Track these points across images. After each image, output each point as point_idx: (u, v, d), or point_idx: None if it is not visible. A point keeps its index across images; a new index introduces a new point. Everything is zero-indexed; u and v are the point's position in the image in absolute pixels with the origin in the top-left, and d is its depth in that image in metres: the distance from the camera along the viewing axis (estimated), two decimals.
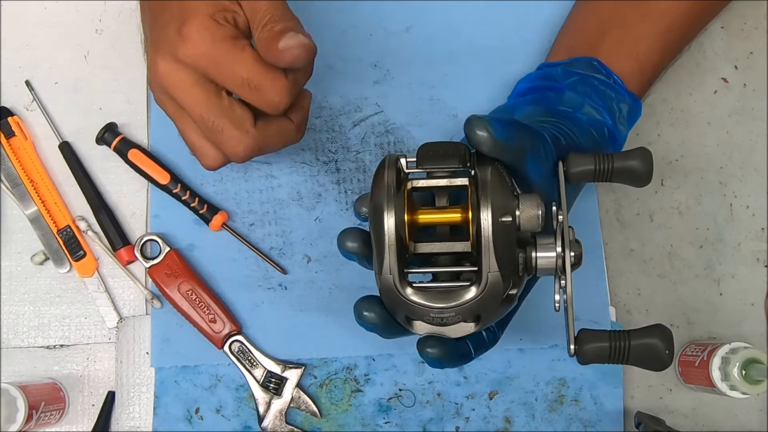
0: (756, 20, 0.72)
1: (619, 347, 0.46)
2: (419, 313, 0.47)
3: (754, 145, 0.70)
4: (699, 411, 0.66)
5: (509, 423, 0.65)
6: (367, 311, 0.50)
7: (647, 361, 0.47)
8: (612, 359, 0.47)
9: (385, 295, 0.48)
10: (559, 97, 0.59)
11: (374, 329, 0.51)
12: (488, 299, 0.46)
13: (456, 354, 0.50)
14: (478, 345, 0.52)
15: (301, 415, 0.64)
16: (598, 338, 0.47)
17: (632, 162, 0.51)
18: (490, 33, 0.70)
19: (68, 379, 0.64)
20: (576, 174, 0.52)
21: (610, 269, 0.67)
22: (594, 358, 0.47)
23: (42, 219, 0.66)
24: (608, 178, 0.52)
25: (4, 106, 0.67)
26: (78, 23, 0.69)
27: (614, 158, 0.52)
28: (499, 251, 0.45)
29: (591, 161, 0.52)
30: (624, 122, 0.60)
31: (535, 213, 0.47)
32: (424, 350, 0.50)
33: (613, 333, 0.47)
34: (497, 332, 0.53)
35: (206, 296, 0.64)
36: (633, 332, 0.47)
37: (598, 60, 0.60)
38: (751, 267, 0.68)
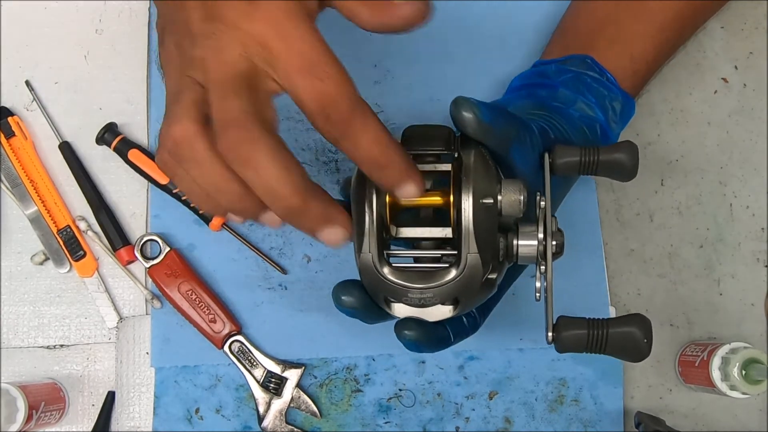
0: (756, 20, 0.72)
1: (597, 335, 0.46)
2: (398, 294, 0.47)
3: (754, 145, 0.70)
4: (699, 411, 0.66)
5: (509, 423, 0.65)
6: (345, 295, 0.49)
7: (625, 350, 0.46)
8: (590, 347, 0.46)
9: (364, 275, 0.48)
10: (551, 94, 0.60)
11: (354, 313, 0.50)
12: (467, 281, 0.46)
13: (434, 338, 0.50)
14: (457, 330, 0.52)
15: (301, 415, 0.64)
16: (576, 325, 0.46)
17: (618, 155, 0.51)
18: (490, 33, 0.70)
19: (68, 379, 0.64)
20: (561, 165, 0.52)
21: (610, 269, 0.67)
22: (571, 346, 0.46)
23: (42, 219, 0.66)
24: (594, 171, 0.52)
25: (4, 106, 0.67)
26: (78, 23, 0.69)
27: (600, 151, 0.52)
28: (479, 233, 0.46)
29: (577, 153, 0.52)
30: (617, 120, 0.60)
31: (517, 197, 0.47)
32: (402, 332, 0.49)
33: (591, 321, 0.46)
34: (478, 318, 0.53)
35: (206, 296, 0.64)
36: (612, 320, 0.46)
37: (592, 58, 0.60)
38: (751, 267, 0.68)
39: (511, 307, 0.60)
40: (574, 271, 0.66)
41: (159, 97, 0.68)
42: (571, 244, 0.66)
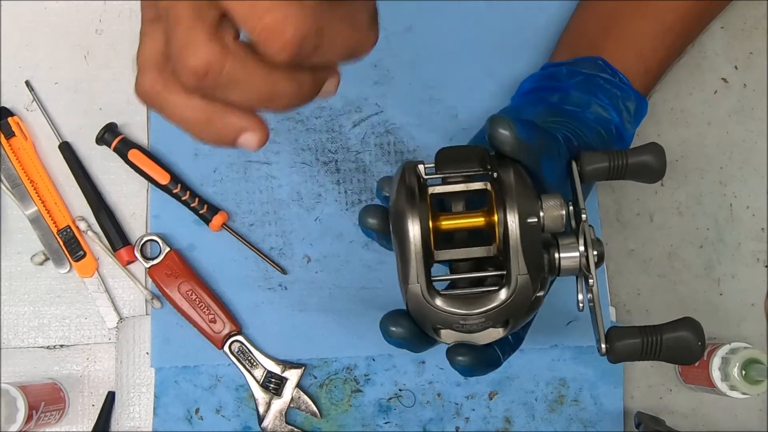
0: (756, 20, 0.72)
1: (651, 342, 0.46)
2: (448, 321, 0.46)
3: (754, 145, 0.70)
4: (699, 411, 0.66)
5: (509, 423, 0.65)
6: (394, 326, 0.48)
7: (679, 354, 0.46)
8: (644, 356, 0.46)
9: (413, 305, 0.47)
10: (564, 97, 0.59)
11: (403, 344, 0.49)
12: (518, 302, 0.46)
13: (486, 360, 0.49)
14: (504, 349, 0.51)
15: (301, 415, 0.64)
16: (630, 335, 0.46)
17: (645, 157, 0.51)
18: (490, 33, 0.70)
19: (68, 379, 0.64)
20: (590, 172, 0.51)
21: (610, 269, 0.67)
22: (626, 355, 0.46)
23: (42, 219, 0.66)
24: (622, 176, 0.52)
25: (4, 106, 0.67)
26: (78, 23, 0.69)
27: (627, 155, 0.51)
28: (527, 253, 0.45)
29: (605, 158, 0.51)
30: (631, 120, 0.60)
31: (559, 213, 0.46)
32: (455, 359, 0.48)
33: (643, 329, 0.46)
34: (521, 334, 0.53)
35: (206, 296, 0.64)
36: (664, 326, 0.46)
37: (603, 59, 0.60)
38: (751, 267, 0.68)
39: None
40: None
41: None
42: None
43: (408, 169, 0.47)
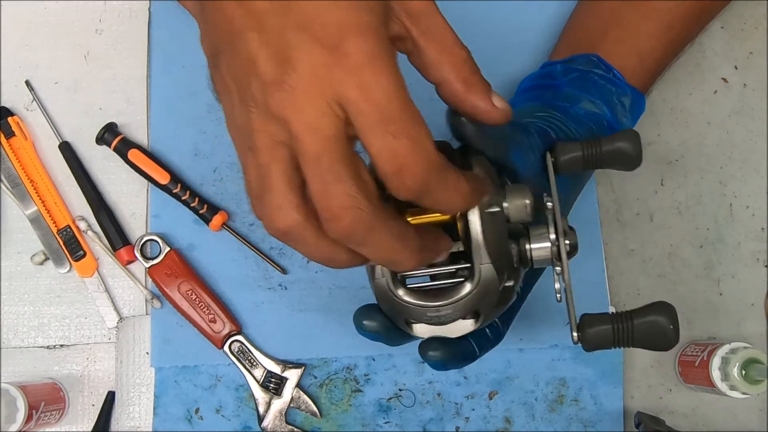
0: (756, 20, 0.72)
1: (623, 329, 0.45)
2: (417, 315, 0.47)
3: (754, 145, 0.70)
4: (699, 411, 0.66)
5: (509, 423, 0.65)
6: (367, 320, 0.49)
7: (653, 340, 0.45)
8: (617, 342, 0.45)
9: (381, 300, 0.48)
10: (557, 94, 0.60)
11: (377, 338, 0.50)
12: (484, 293, 0.46)
13: (459, 354, 0.50)
14: (482, 343, 0.51)
15: (301, 415, 0.64)
16: (600, 321, 0.46)
17: (620, 144, 0.51)
18: (490, 33, 0.70)
19: (68, 379, 0.64)
20: (564, 162, 0.52)
21: (610, 269, 0.67)
22: (598, 342, 0.46)
23: (42, 219, 0.66)
24: (598, 164, 0.52)
25: (4, 106, 0.67)
26: (78, 23, 0.69)
27: (602, 142, 0.51)
28: (490, 243, 0.45)
29: (578, 147, 0.51)
30: (627, 116, 0.60)
31: (523, 202, 0.46)
32: (426, 353, 0.49)
33: (615, 315, 0.46)
34: (501, 328, 0.52)
35: (206, 296, 0.64)
36: (635, 312, 0.46)
37: (598, 56, 0.60)
38: (751, 267, 0.68)
39: None
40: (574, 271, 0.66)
41: (159, 97, 0.68)
42: None
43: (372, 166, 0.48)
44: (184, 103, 0.68)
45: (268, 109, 0.38)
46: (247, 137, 0.40)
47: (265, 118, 0.39)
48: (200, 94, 0.68)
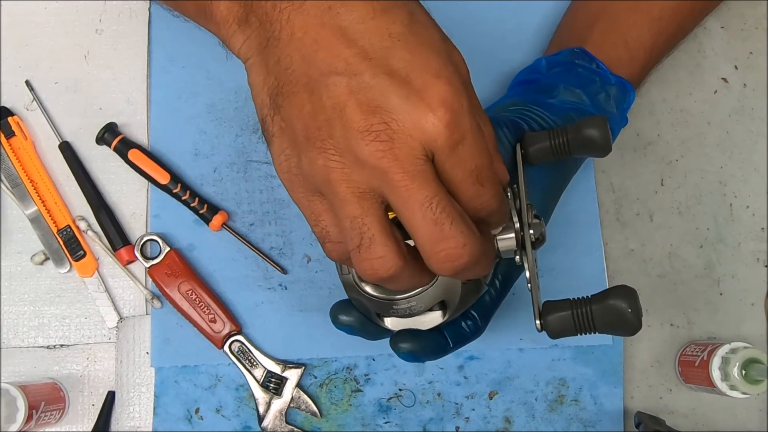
0: (756, 20, 0.72)
1: (582, 314, 0.45)
2: (383, 308, 0.47)
3: (754, 145, 0.70)
4: (699, 411, 0.66)
5: (509, 423, 0.65)
6: (342, 314, 0.51)
7: (614, 324, 0.44)
8: (579, 328, 0.45)
9: (350, 295, 0.48)
10: (537, 87, 0.60)
11: (353, 332, 0.51)
12: (447, 283, 0.46)
13: (430, 346, 0.50)
14: (457, 336, 0.51)
15: (301, 415, 0.64)
16: (560, 308, 0.45)
17: (588, 131, 0.51)
18: (489, 33, 0.70)
19: (68, 379, 0.64)
20: (534, 152, 0.52)
21: (610, 269, 0.67)
22: (560, 329, 0.45)
23: (42, 219, 0.66)
24: (567, 152, 0.52)
25: (4, 106, 0.67)
26: (78, 23, 0.69)
27: (568, 130, 0.51)
28: None
29: (545, 137, 0.52)
30: (612, 105, 0.60)
31: None
32: (397, 345, 0.50)
33: (574, 300, 0.45)
34: (479, 321, 0.52)
35: (206, 296, 0.64)
36: (594, 296, 0.45)
37: (582, 48, 0.61)
38: (751, 267, 0.68)
39: (511, 307, 0.60)
40: (574, 271, 0.66)
41: (159, 97, 0.68)
42: (571, 244, 0.66)
43: None
44: (184, 103, 0.68)
45: (357, 158, 0.38)
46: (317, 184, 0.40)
47: (351, 167, 0.38)
48: (200, 94, 0.68)
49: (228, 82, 0.69)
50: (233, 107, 0.68)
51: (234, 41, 0.44)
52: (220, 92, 0.68)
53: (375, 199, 0.39)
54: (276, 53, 0.40)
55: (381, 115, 0.38)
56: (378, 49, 0.38)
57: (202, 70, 0.69)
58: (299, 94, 0.39)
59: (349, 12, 0.39)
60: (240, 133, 0.68)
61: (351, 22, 0.39)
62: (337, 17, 0.39)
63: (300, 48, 0.39)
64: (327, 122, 0.38)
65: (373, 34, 0.38)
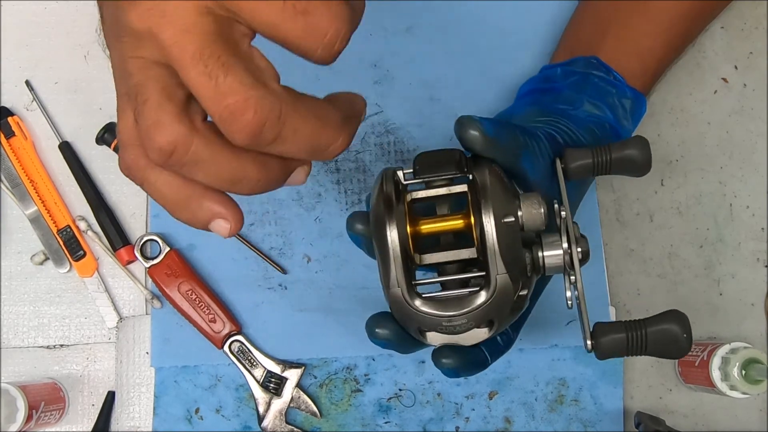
0: (756, 20, 0.72)
1: (636, 337, 0.45)
2: (431, 324, 0.46)
3: (754, 145, 0.70)
4: (699, 411, 0.66)
5: (509, 423, 0.65)
6: (379, 328, 0.49)
7: (666, 348, 0.45)
8: (630, 351, 0.46)
9: (395, 309, 0.47)
10: (557, 97, 0.59)
11: (389, 345, 0.50)
12: (499, 302, 0.46)
13: (472, 362, 0.50)
14: (493, 350, 0.51)
15: (301, 415, 0.64)
16: (614, 330, 0.46)
17: (630, 151, 0.51)
18: (490, 33, 0.70)
19: (68, 379, 0.64)
20: (575, 169, 0.51)
21: (610, 269, 0.67)
22: (611, 351, 0.46)
23: (42, 219, 0.66)
24: (607, 170, 0.52)
25: (4, 106, 0.67)
26: (78, 23, 0.69)
27: (611, 149, 0.51)
28: (505, 253, 0.45)
29: (588, 155, 0.51)
30: (628, 118, 0.60)
31: (538, 211, 0.46)
32: (440, 361, 0.49)
33: (628, 323, 0.46)
34: (512, 335, 0.52)
35: (206, 296, 0.64)
36: (648, 320, 0.46)
37: (597, 58, 0.60)
38: (751, 267, 0.68)
39: None
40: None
41: None
42: None
43: (386, 175, 0.48)
44: None
45: (134, 31, 0.34)
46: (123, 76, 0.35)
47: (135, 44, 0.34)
48: None
49: None
50: None
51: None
52: None
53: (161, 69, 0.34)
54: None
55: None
56: None
57: None
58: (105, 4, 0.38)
59: None
60: None
61: None
62: None
63: None
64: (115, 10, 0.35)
65: None
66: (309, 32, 0.34)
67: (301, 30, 0.33)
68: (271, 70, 0.35)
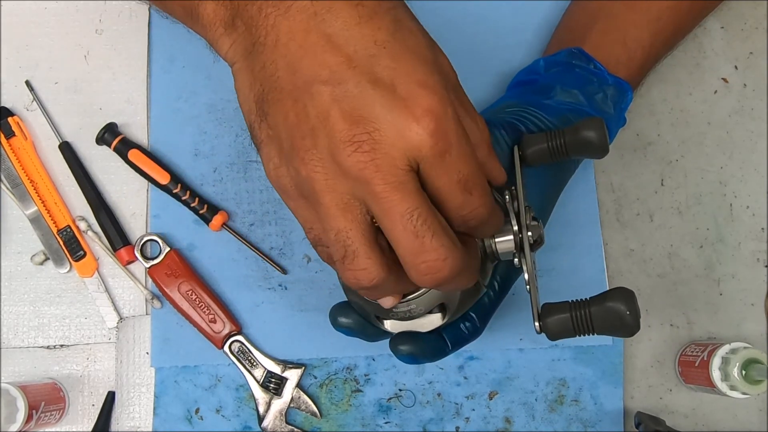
0: (756, 20, 0.72)
1: (580, 316, 0.45)
2: (383, 311, 0.47)
3: (754, 145, 0.70)
4: (699, 411, 0.66)
5: (509, 423, 0.65)
6: (341, 317, 0.51)
7: (612, 326, 0.45)
8: (577, 330, 0.45)
9: (350, 297, 0.49)
10: (534, 88, 0.60)
11: (352, 333, 0.51)
12: None
13: (429, 348, 0.50)
14: (456, 338, 0.51)
15: (301, 415, 0.64)
16: (559, 310, 0.45)
17: (585, 132, 0.51)
18: (488, 32, 0.70)
19: (68, 379, 0.64)
20: (531, 154, 0.52)
21: (610, 269, 0.67)
22: (559, 331, 0.45)
23: (42, 219, 0.66)
24: (565, 153, 0.52)
25: (4, 106, 0.67)
26: (78, 23, 0.69)
27: (565, 132, 0.51)
28: None
29: (543, 138, 0.52)
30: (609, 105, 0.60)
31: None
32: (396, 347, 0.50)
33: (573, 303, 0.46)
34: (477, 323, 0.52)
35: (206, 296, 0.64)
36: (593, 298, 0.45)
37: (580, 48, 0.61)
38: (751, 267, 0.68)
39: (511, 307, 0.60)
40: (574, 271, 0.66)
41: (159, 97, 0.68)
42: (570, 244, 0.66)
43: None
44: (184, 103, 0.68)
45: (340, 168, 0.38)
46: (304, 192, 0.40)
47: (334, 177, 0.38)
48: (200, 94, 0.68)
49: (228, 82, 0.68)
50: (233, 107, 0.68)
51: (220, 45, 0.43)
52: (220, 92, 0.68)
53: (359, 210, 0.39)
54: (262, 59, 0.40)
55: (364, 125, 0.37)
56: (363, 56, 0.38)
57: (202, 70, 0.69)
58: (284, 102, 0.39)
59: (335, 18, 0.38)
60: (240, 133, 0.68)
61: (336, 29, 0.38)
62: (322, 23, 0.38)
63: (285, 54, 0.39)
64: (311, 132, 0.38)
65: (358, 41, 0.38)
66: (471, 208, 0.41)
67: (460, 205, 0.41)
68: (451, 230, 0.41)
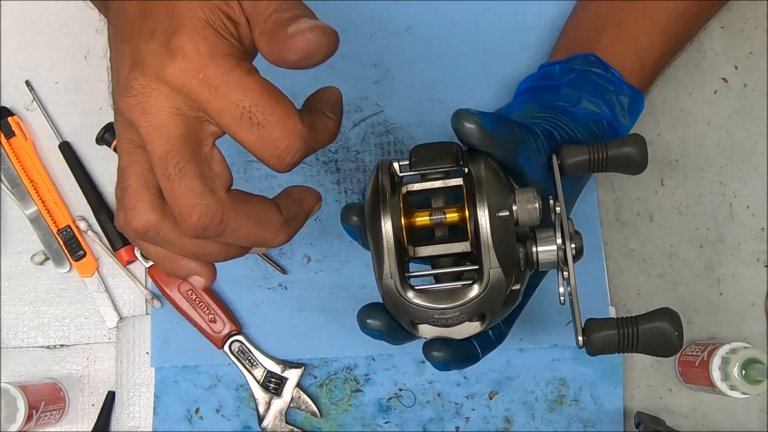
0: (756, 20, 0.72)
1: (627, 333, 0.45)
2: (423, 316, 0.47)
3: (754, 145, 0.70)
4: (699, 411, 0.66)
5: (509, 423, 0.65)
6: (370, 319, 0.49)
7: (657, 346, 0.45)
8: (621, 347, 0.45)
9: (388, 300, 0.47)
10: (555, 94, 0.59)
11: (380, 336, 0.50)
12: (491, 296, 0.46)
13: (463, 355, 0.50)
14: (484, 344, 0.51)
15: (301, 415, 0.64)
16: (606, 326, 0.46)
17: (627, 149, 0.51)
18: (490, 33, 0.70)
19: (68, 379, 0.64)
20: (571, 165, 0.52)
21: (610, 269, 0.67)
22: (603, 347, 0.46)
23: (42, 219, 0.66)
24: (604, 168, 0.52)
25: (4, 106, 0.67)
26: (78, 23, 0.69)
27: (608, 146, 0.51)
28: (499, 247, 0.45)
29: (585, 151, 0.51)
30: (625, 115, 0.60)
31: (533, 206, 0.46)
32: (430, 353, 0.49)
33: (620, 320, 0.46)
34: (503, 329, 0.52)
35: (206, 296, 0.64)
36: (641, 317, 0.46)
37: (595, 55, 0.60)
38: (751, 267, 0.68)
39: None
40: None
41: None
42: None
43: (382, 167, 0.48)
44: None
45: (123, 115, 0.40)
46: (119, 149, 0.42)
47: (125, 125, 0.40)
48: None
49: None
50: None
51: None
52: None
53: (143, 155, 0.40)
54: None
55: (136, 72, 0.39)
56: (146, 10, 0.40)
57: None
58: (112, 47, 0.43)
59: None
60: None
61: None
62: None
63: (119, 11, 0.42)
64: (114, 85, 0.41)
65: None
66: (262, 143, 0.39)
67: (255, 139, 0.39)
68: (224, 177, 0.40)
